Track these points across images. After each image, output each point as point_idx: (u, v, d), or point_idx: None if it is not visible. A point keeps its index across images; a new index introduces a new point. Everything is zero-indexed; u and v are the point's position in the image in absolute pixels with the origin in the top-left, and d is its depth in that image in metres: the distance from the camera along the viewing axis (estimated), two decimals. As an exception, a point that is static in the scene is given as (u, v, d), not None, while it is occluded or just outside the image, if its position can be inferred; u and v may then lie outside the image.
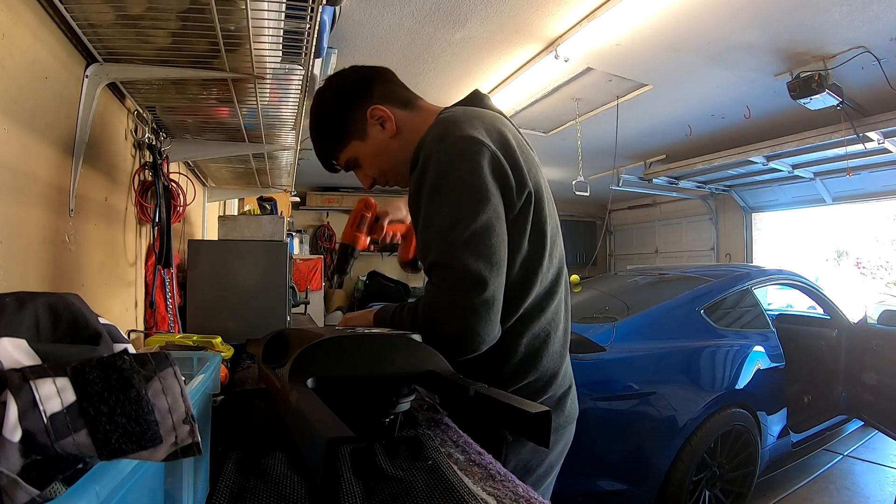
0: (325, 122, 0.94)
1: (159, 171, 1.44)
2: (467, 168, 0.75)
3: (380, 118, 0.90)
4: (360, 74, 0.94)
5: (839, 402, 3.00)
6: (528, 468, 0.86)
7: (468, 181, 0.74)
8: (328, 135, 0.95)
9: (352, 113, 0.91)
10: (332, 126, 0.93)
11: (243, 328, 1.51)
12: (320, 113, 0.94)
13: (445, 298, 0.73)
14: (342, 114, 0.92)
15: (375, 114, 0.90)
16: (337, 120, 0.92)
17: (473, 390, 0.60)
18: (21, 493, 0.25)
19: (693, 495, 2.14)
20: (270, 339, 0.82)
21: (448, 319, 0.73)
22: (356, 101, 0.91)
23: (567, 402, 0.93)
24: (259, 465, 0.60)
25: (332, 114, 0.93)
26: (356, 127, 0.91)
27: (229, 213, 3.16)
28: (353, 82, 0.93)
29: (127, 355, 0.29)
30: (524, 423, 0.54)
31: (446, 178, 0.75)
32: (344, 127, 0.92)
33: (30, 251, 0.91)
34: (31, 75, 0.89)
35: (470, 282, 0.71)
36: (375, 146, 0.92)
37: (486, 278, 0.72)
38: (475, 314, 0.72)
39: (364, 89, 0.91)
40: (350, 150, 0.94)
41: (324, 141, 0.96)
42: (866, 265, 6.09)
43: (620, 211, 7.69)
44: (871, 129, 3.19)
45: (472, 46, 2.57)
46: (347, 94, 0.92)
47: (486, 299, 0.72)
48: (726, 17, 2.26)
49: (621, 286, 2.94)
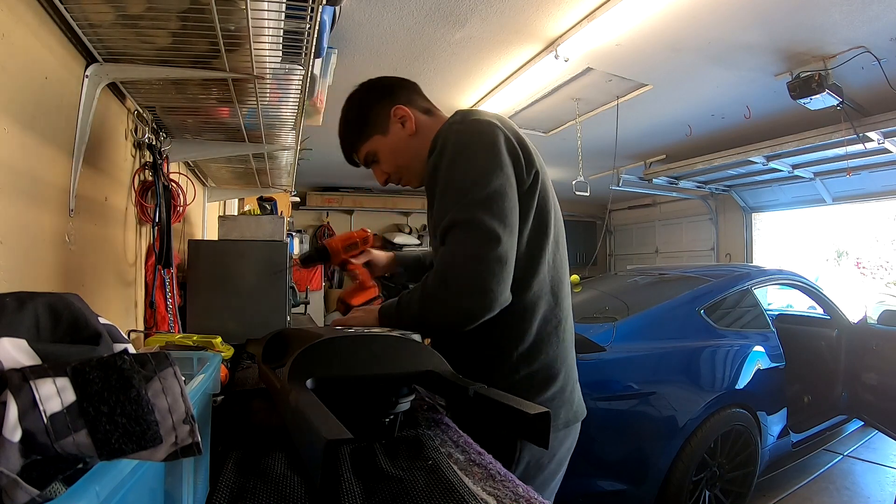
0: (353, 117, 1.03)
1: (159, 171, 1.44)
2: (484, 141, 0.83)
3: (402, 117, 0.99)
4: (389, 80, 1.05)
5: (839, 402, 3.00)
6: (539, 465, 0.88)
7: (484, 152, 0.82)
8: (354, 127, 1.03)
9: (376, 109, 1.00)
10: (358, 119, 1.02)
11: (243, 328, 1.51)
12: (350, 108, 1.04)
13: (460, 253, 0.78)
14: (368, 108, 1.01)
15: (398, 112, 0.99)
16: (363, 114, 1.01)
17: (473, 390, 0.60)
18: (21, 493, 0.25)
19: (693, 495, 2.14)
20: (270, 339, 0.82)
21: (463, 275, 0.77)
22: (381, 99, 1.00)
23: (576, 397, 0.96)
24: (259, 465, 0.60)
25: (360, 108, 1.02)
26: (379, 122, 1.00)
27: (229, 213, 3.16)
28: (380, 84, 1.04)
29: (127, 355, 0.29)
30: (523, 423, 0.54)
31: (463, 150, 0.83)
32: (369, 120, 1.01)
33: (30, 251, 0.91)
34: (31, 75, 0.89)
35: (485, 237, 0.76)
36: (395, 142, 1.00)
37: (500, 234, 0.77)
38: (489, 269, 0.76)
39: (389, 91, 1.02)
40: (371, 143, 1.02)
41: (349, 133, 1.04)
42: (866, 265, 6.09)
43: (620, 211, 7.69)
44: (871, 129, 3.19)
45: (472, 46, 2.56)
46: (375, 92, 1.02)
47: (499, 255, 0.77)
48: (726, 17, 2.26)
49: (621, 286, 2.94)
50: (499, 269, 0.77)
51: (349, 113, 1.04)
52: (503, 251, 0.77)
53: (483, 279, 0.76)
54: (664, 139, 4.27)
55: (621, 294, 2.72)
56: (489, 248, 0.76)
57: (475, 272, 0.76)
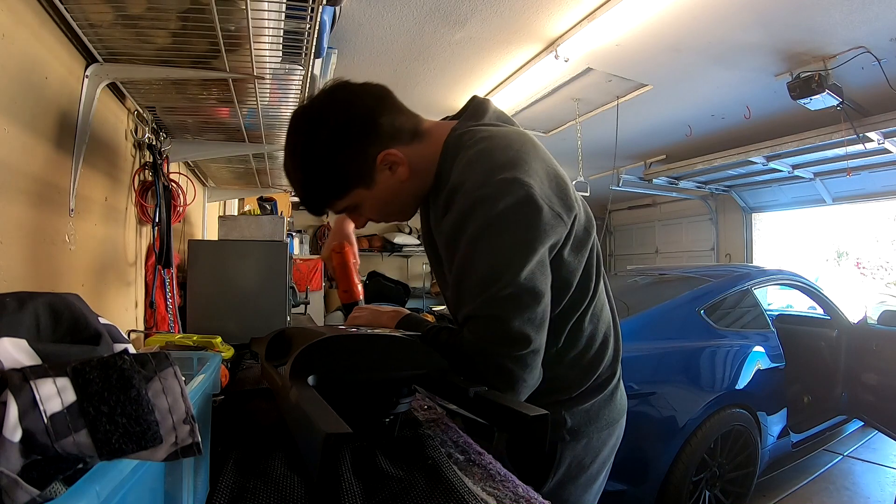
0: (321, 170, 0.75)
1: (159, 171, 1.44)
2: (512, 216, 0.66)
3: (391, 164, 0.76)
4: (362, 107, 0.75)
5: (839, 403, 3.00)
6: (582, 465, 0.84)
7: (513, 231, 0.66)
8: (323, 184, 0.77)
9: (356, 160, 0.75)
10: (329, 174, 0.76)
11: (243, 328, 1.51)
12: (314, 157, 0.75)
13: (489, 350, 0.68)
14: (344, 160, 0.75)
15: (387, 160, 0.75)
16: (336, 167, 0.75)
17: (473, 392, 0.60)
18: (21, 493, 0.25)
19: (693, 495, 2.14)
20: (273, 337, 0.82)
21: (492, 369, 0.69)
22: (362, 145, 0.74)
23: (618, 393, 0.90)
24: (259, 466, 0.60)
25: (331, 160, 0.75)
26: (361, 174, 0.76)
27: (229, 213, 3.16)
28: (354, 119, 0.74)
29: (127, 355, 0.29)
30: (522, 425, 0.54)
31: (488, 227, 0.67)
32: (345, 175, 0.76)
33: (30, 251, 0.91)
34: (31, 75, 0.89)
35: (512, 339, 0.67)
36: (384, 193, 0.78)
37: (530, 336, 0.67)
38: (520, 365, 0.68)
39: (370, 129, 0.74)
40: (350, 199, 0.79)
41: (315, 192, 0.79)
42: (866, 265, 6.09)
43: (620, 211, 7.69)
44: (871, 129, 3.19)
45: (472, 46, 2.56)
46: (351, 137, 0.74)
47: (531, 352, 0.69)
48: (726, 17, 2.26)
49: (621, 286, 2.94)
50: (532, 361, 0.69)
51: (310, 164, 0.76)
52: (534, 348, 0.68)
53: (515, 374, 0.68)
54: (664, 139, 4.27)
55: (621, 294, 2.71)
56: (519, 348, 0.67)
57: (506, 370, 0.68)
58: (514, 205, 0.66)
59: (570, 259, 0.75)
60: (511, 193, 0.66)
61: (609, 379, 0.87)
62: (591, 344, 0.83)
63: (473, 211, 0.68)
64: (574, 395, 0.82)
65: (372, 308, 0.96)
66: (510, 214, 0.66)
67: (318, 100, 0.77)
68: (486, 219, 0.67)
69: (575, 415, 0.82)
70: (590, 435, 0.84)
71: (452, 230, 0.71)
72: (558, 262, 0.73)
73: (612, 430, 0.88)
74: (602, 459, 0.88)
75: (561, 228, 0.70)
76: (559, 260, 0.74)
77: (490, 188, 0.67)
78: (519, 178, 0.67)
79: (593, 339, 0.83)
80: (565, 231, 0.72)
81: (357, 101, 0.76)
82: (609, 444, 0.88)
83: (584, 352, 0.82)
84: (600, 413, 0.85)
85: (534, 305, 0.67)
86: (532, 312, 0.67)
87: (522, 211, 0.66)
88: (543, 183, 0.70)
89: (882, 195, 4.70)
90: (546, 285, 0.69)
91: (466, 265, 0.69)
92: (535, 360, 0.70)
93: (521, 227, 0.67)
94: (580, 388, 0.83)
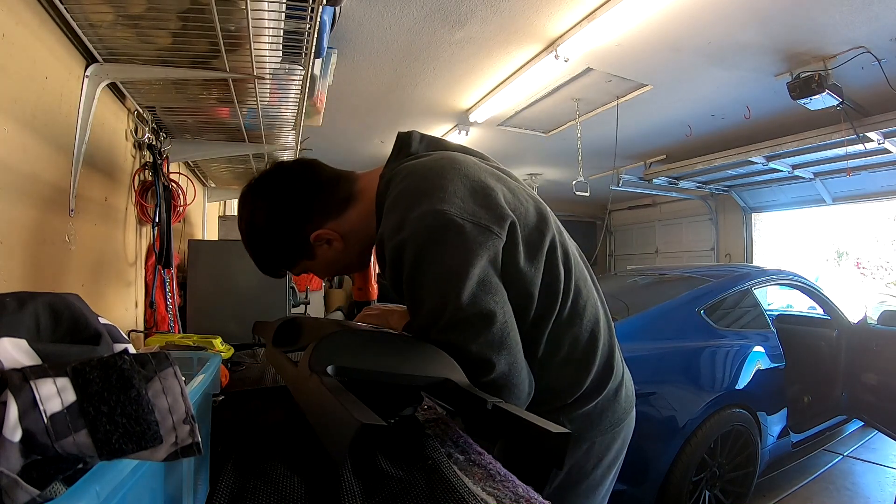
0: (264, 248, 0.87)
1: (159, 171, 1.44)
2: (433, 248, 0.66)
3: (326, 240, 0.83)
4: (293, 193, 0.82)
5: (839, 403, 3.00)
6: (583, 471, 0.82)
7: (439, 261, 0.66)
8: (270, 258, 0.88)
9: (293, 241, 0.83)
10: (272, 252, 0.87)
11: (243, 328, 1.51)
12: (256, 238, 0.86)
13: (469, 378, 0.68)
14: (282, 242, 0.84)
15: (321, 238, 0.82)
16: (277, 247, 0.85)
17: (491, 404, 0.59)
18: (21, 493, 0.25)
19: (693, 495, 2.14)
20: (283, 324, 0.81)
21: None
22: (296, 230, 0.82)
23: (622, 394, 0.87)
24: (259, 466, 0.60)
25: (271, 242, 0.85)
26: (300, 251, 0.84)
27: (229, 213, 3.16)
28: (287, 205, 0.82)
29: (127, 355, 0.29)
30: (542, 441, 0.52)
31: (416, 266, 0.68)
32: (286, 253, 0.86)
33: (30, 251, 0.91)
34: (31, 75, 0.89)
35: (474, 364, 0.67)
36: (325, 261, 0.86)
37: (491, 360, 0.67)
38: (494, 390, 0.67)
39: (302, 214, 0.82)
40: (299, 267, 0.89)
41: (265, 262, 0.89)
42: (866, 265, 6.09)
43: (620, 211, 7.69)
44: (871, 129, 3.19)
45: (472, 46, 2.56)
46: (285, 224, 0.82)
47: (499, 375, 0.68)
48: (726, 17, 2.26)
49: (621, 286, 2.94)
50: (512, 382, 0.69)
51: (255, 244, 0.87)
52: (500, 372, 0.68)
53: (505, 396, 0.68)
54: (664, 139, 4.27)
55: (621, 294, 2.72)
56: (482, 375, 0.67)
57: (497, 391, 0.68)
58: (431, 236, 0.66)
59: (528, 269, 0.72)
60: (425, 226, 0.66)
61: (608, 376, 0.83)
62: (576, 344, 0.79)
63: (400, 256, 0.68)
64: (571, 399, 0.79)
65: (383, 307, 0.95)
66: (429, 246, 0.66)
67: (259, 184, 0.86)
68: (412, 259, 0.67)
69: (575, 420, 0.79)
70: (592, 439, 0.81)
71: (391, 281, 0.73)
72: (515, 274, 0.71)
73: (618, 432, 0.85)
74: (607, 463, 0.85)
75: (495, 240, 0.68)
76: (516, 272, 0.71)
77: (406, 230, 0.67)
78: (431, 208, 0.67)
79: (578, 339, 0.79)
80: (502, 241, 0.69)
81: (289, 186, 0.83)
82: (614, 447, 0.85)
83: (569, 354, 0.78)
84: (603, 415, 0.82)
85: (487, 327, 0.66)
86: (487, 335, 0.66)
87: (442, 238, 0.66)
88: (464, 201, 0.69)
89: (882, 195, 4.70)
90: (496, 303, 0.67)
91: (414, 306, 0.70)
92: (509, 379, 0.69)
93: (446, 254, 0.66)
94: (577, 390, 0.79)
